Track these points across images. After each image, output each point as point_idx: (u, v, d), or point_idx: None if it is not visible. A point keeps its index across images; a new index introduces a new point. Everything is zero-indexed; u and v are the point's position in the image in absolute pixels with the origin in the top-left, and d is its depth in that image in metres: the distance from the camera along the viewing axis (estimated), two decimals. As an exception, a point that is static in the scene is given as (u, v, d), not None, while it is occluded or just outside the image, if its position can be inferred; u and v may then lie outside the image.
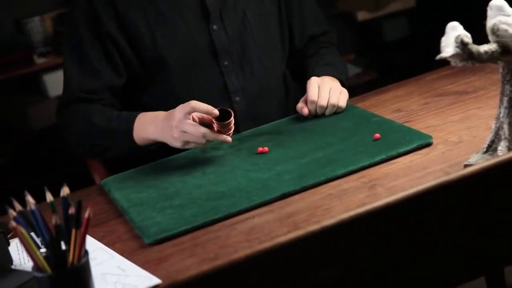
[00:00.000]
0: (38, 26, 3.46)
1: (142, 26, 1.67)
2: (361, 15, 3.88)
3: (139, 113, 1.63)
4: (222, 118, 1.51)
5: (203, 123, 1.52)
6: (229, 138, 1.53)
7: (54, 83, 3.44)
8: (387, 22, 4.02)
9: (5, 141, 3.48)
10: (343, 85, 1.76)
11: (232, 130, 1.54)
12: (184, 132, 1.51)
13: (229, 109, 1.52)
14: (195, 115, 1.52)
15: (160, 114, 1.60)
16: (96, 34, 1.67)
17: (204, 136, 1.50)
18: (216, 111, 1.50)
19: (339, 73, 1.79)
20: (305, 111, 1.68)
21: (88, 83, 1.68)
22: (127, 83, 1.72)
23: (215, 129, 1.51)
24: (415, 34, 4.10)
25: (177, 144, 1.54)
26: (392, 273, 1.28)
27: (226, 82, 1.74)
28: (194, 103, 1.51)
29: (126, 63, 1.70)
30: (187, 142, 1.53)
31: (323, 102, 1.67)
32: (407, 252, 1.27)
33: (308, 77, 1.73)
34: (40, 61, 3.43)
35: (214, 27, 1.72)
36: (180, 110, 1.52)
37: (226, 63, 1.74)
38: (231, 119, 1.51)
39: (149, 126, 1.59)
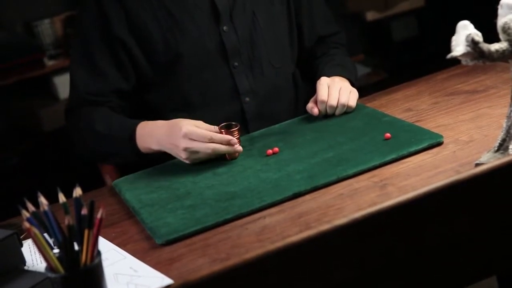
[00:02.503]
0: (48, 28, 3.47)
1: (153, 28, 1.68)
2: (370, 15, 3.88)
3: (139, 122, 1.61)
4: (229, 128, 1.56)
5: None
6: (239, 148, 1.54)
7: (65, 85, 3.44)
8: (396, 22, 4.02)
9: (16, 143, 3.49)
10: (353, 85, 1.76)
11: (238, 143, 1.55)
12: (193, 151, 1.52)
13: (234, 123, 1.56)
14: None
15: (159, 127, 1.58)
16: (104, 37, 1.67)
17: (213, 148, 1.51)
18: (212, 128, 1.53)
19: (348, 73, 1.79)
20: (315, 111, 1.68)
21: (95, 86, 1.68)
22: (136, 84, 1.73)
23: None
24: (424, 33, 4.10)
25: (186, 161, 1.55)
26: (404, 272, 1.28)
27: (236, 83, 1.74)
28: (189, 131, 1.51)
29: (136, 65, 1.70)
30: (196, 157, 1.54)
31: (333, 101, 1.67)
32: (418, 251, 1.27)
33: (318, 77, 1.73)
34: (50, 63, 3.44)
35: (224, 28, 1.72)
36: (179, 132, 1.51)
37: (236, 64, 1.74)
38: (237, 128, 1.54)
39: (151, 139, 1.58)
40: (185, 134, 1.51)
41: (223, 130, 1.54)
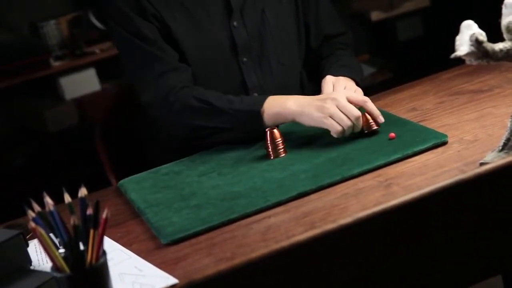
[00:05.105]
0: (54, 29, 3.48)
1: (169, 20, 1.69)
2: (375, 15, 3.88)
3: (268, 96, 1.63)
4: None
5: None
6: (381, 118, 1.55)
7: (70, 86, 3.46)
8: (401, 21, 4.02)
9: (22, 143, 3.50)
10: (358, 85, 1.76)
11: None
12: (338, 106, 1.52)
13: None
14: None
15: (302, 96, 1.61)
16: (145, 18, 1.69)
17: (356, 118, 1.51)
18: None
19: (354, 74, 1.79)
20: (320, 110, 1.68)
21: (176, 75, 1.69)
22: None
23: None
24: (429, 33, 4.09)
25: (319, 114, 1.53)
26: (408, 271, 1.28)
27: (245, 79, 1.75)
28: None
29: None
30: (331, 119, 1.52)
31: (338, 100, 1.67)
32: (422, 250, 1.27)
33: (323, 77, 1.74)
34: (56, 64, 3.45)
35: (235, 23, 1.74)
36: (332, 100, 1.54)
37: (245, 59, 1.75)
38: None
39: (289, 99, 1.59)
40: (338, 103, 1.52)
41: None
